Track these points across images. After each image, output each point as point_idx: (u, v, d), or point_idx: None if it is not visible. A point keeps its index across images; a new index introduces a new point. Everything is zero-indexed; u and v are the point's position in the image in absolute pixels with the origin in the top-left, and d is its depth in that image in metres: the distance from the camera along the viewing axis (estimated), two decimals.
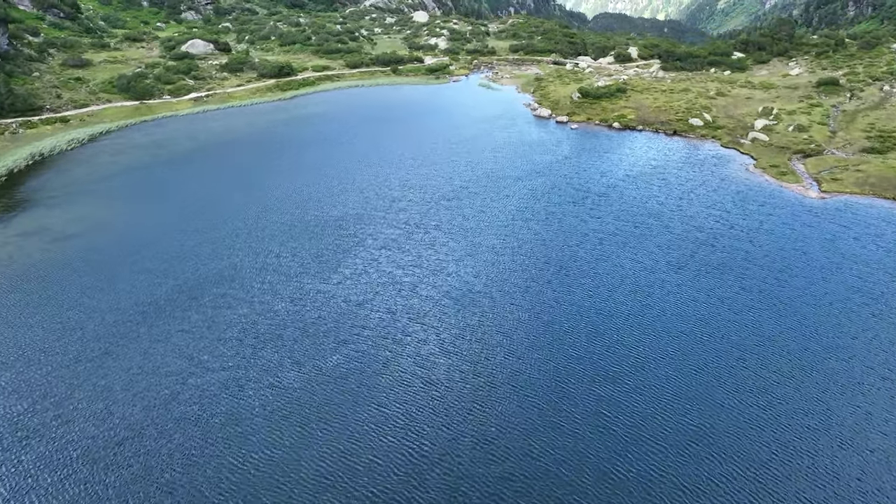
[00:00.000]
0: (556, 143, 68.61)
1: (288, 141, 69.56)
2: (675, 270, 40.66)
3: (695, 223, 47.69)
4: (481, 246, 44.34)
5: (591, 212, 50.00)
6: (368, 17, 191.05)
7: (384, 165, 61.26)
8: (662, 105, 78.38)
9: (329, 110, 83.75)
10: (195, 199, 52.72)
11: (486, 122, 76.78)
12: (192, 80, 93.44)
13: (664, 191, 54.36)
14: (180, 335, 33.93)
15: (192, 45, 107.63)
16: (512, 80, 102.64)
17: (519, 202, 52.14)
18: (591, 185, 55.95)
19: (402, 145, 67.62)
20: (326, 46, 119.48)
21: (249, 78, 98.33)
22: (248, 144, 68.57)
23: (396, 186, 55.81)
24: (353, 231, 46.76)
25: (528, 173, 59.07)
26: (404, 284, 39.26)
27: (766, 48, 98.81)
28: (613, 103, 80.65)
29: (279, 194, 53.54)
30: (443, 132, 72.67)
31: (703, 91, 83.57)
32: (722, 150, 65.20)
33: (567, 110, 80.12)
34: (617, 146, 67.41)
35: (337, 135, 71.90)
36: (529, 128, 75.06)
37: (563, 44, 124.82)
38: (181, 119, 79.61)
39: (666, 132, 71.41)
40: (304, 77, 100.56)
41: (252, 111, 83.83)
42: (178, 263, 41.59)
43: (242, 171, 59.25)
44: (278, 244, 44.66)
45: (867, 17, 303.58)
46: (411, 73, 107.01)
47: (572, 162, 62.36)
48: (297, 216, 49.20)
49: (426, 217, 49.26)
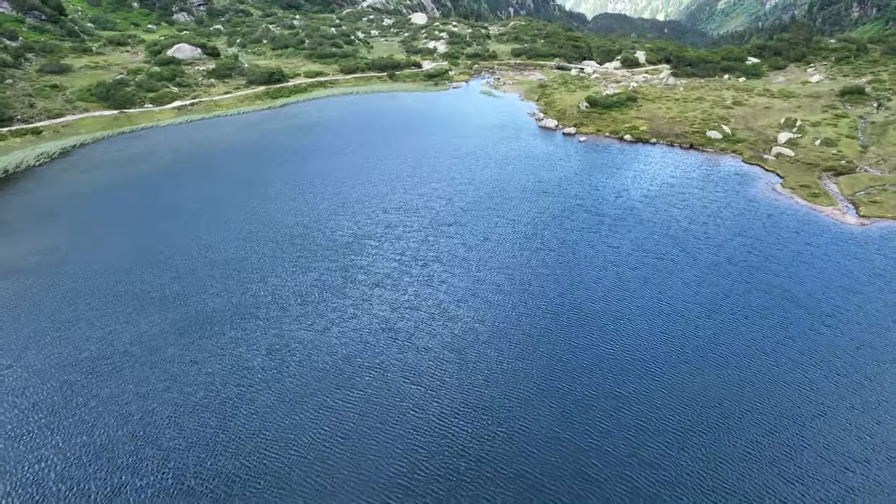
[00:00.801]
0: (564, 158, 63.61)
1: (275, 155, 64.44)
2: (708, 315, 35.63)
3: (724, 253, 42.70)
4: (485, 283, 39.29)
5: (607, 240, 44.99)
6: (366, 19, 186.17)
7: (379, 183, 56.22)
8: (676, 115, 73.42)
9: (321, 120, 78.68)
10: (166, 225, 47.56)
11: (488, 134, 71.78)
12: (176, 87, 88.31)
13: (686, 214, 49.37)
14: (136, 401, 28.83)
15: (178, 50, 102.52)
16: (514, 86, 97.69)
17: (526, 228, 47.11)
18: (606, 207, 50.96)
19: (398, 160, 62.59)
20: (320, 50, 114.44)
21: (238, 85, 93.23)
22: (231, 159, 63.45)
23: (392, 209, 50.76)
24: (342, 264, 41.69)
25: (535, 193, 54.05)
26: (399, 332, 34.18)
27: (782, 53, 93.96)
28: (624, 113, 75.67)
29: (261, 219, 48.44)
30: (443, 145, 67.65)
31: (718, 100, 78.64)
32: (744, 167, 60.24)
33: (574, 121, 75.14)
34: (630, 161, 62.42)
35: (328, 148, 66.83)
36: (535, 140, 70.05)
37: (567, 48, 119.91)
38: (162, 130, 74.46)
39: (682, 146, 66.45)
40: (296, 83, 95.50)
41: (239, 121, 78.70)
42: (138, 309, 36.49)
43: (222, 192, 54.11)
44: (258, 280, 39.57)
45: (872, 18, 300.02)
46: (409, 79, 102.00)
47: (583, 180, 57.35)
48: (279, 246, 44.09)
49: (424, 246, 44.22)
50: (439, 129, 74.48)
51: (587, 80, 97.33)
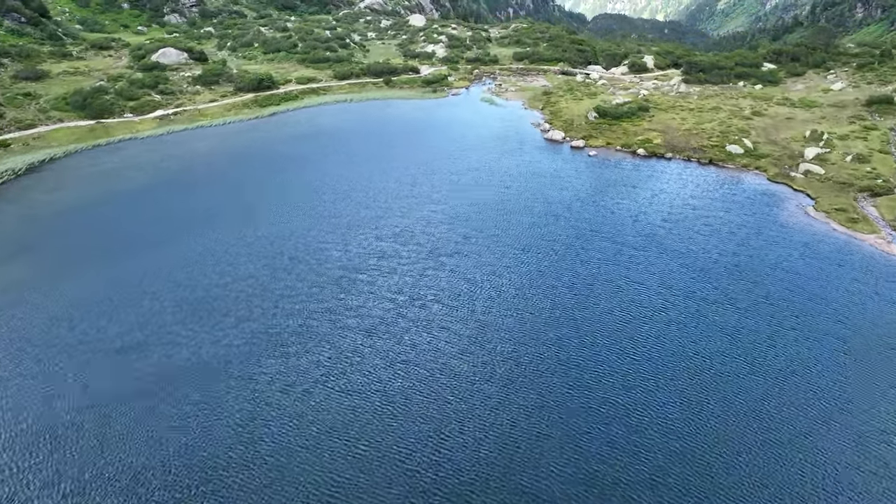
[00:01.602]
0: (573, 175, 58.70)
1: (258, 173, 59.32)
2: (751, 370, 30.75)
3: (762, 291, 37.83)
4: (492, 329, 34.38)
5: (628, 274, 40.09)
6: (363, 20, 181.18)
7: (372, 205, 51.25)
8: (692, 127, 68.57)
9: (310, 131, 73.61)
10: (132, 257, 42.44)
11: (490, 147, 66.82)
12: (159, 94, 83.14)
13: (713, 242, 44.49)
14: (74, 496, 23.82)
15: (163, 55, 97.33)
16: (517, 93, 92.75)
17: (537, 259, 42.19)
18: (624, 233, 46.06)
19: (394, 177, 57.62)
20: (313, 55, 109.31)
21: (225, 92, 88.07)
22: (210, 178, 58.33)
23: (387, 235, 45.80)
24: (330, 305, 36.70)
25: (544, 216, 49.13)
26: (393, 397, 29.23)
27: (800, 59, 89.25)
28: (636, 124, 70.80)
29: (239, 249, 43.40)
30: (442, 159, 62.69)
31: (736, 109, 73.84)
32: (770, 186, 55.39)
33: (582, 132, 70.23)
34: (646, 179, 57.53)
35: (318, 164, 61.79)
36: (541, 154, 65.12)
37: (572, 52, 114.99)
38: (140, 143, 69.32)
39: (700, 161, 61.58)
40: (287, 91, 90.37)
41: (223, 132, 73.58)
42: (92, 363, 31.43)
43: (197, 216, 49.00)
44: (232, 326, 34.60)
45: (876, 19, 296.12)
46: (406, 86, 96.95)
47: (596, 201, 52.45)
48: (259, 282, 39.08)
49: (423, 282, 39.27)
50: (438, 141, 69.50)
51: (594, 87, 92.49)
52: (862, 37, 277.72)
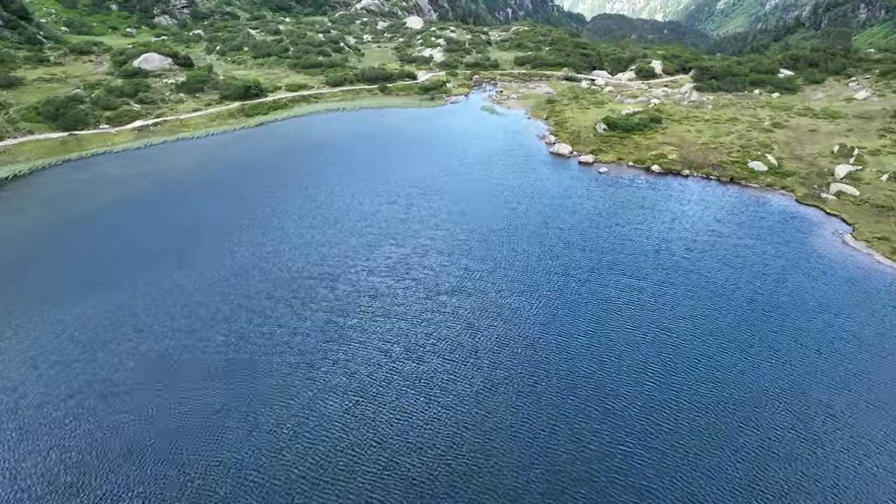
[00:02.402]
0: (584, 195, 53.80)
1: (238, 193, 54.22)
2: (815, 455, 25.89)
3: (809, 340, 33.00)
4: (501, 392, 29.46)
5: (653, 318, 35.18)
6: (359, 22, 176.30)
7: (364, 231, 46.29)
8: (710, 141, 63.74)
9: (298, 144, 68.57)
10: (86, 298, 37.35)
11: (492, 161, 61.90)
12: (138, 104, 77.99)
13: (745, 277, 39.62)
14: None
15: (145, 60, 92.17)
16: (519, 101, 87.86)
17: (549, 299, 37.25)
18: (645, 266, 41.16)
19: (388, 198, 52.68)
20: (305, 59, 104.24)
21: (210, 100, 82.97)
22: (185, 198, 53.19)
23: (380, 269, 40.84)
24: (312, 359, 31.72)
25: (555, 245, 44.21)
26: (391, 492, 24.29)
27: (819, 65, 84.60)
28: (648, 137, 65.95)
29: (211, 288, 38.36)
30: (441, 177, 57.75)
31: (754, 121, 69.05)
32: (800, 209, 50.57)
33: (591, 146, 65.36)
34: (663, 200, 52.67)
35: (304, 182, 56.76)
36: (547, 171, 60.19)
37: (576, 56, 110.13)
38: (115, 157, 64.22)
39: (720, 179, 56.73)
40: (276, 98, 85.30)
41: (205, 145, 68.48)
42: (17, 446, 26.41)
43: (166, 248, 43.90)
44: (197, 386, 29.62)
45: (880, 20, 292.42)
46: (402, 93, 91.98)
47: (610, 226, 47.56)
48: (231, 330, 34.06)
49: (420, 329, 34.33)
50: (436, 155, 64.53)
51: (600, 94, 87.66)
52: (866, 38, 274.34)
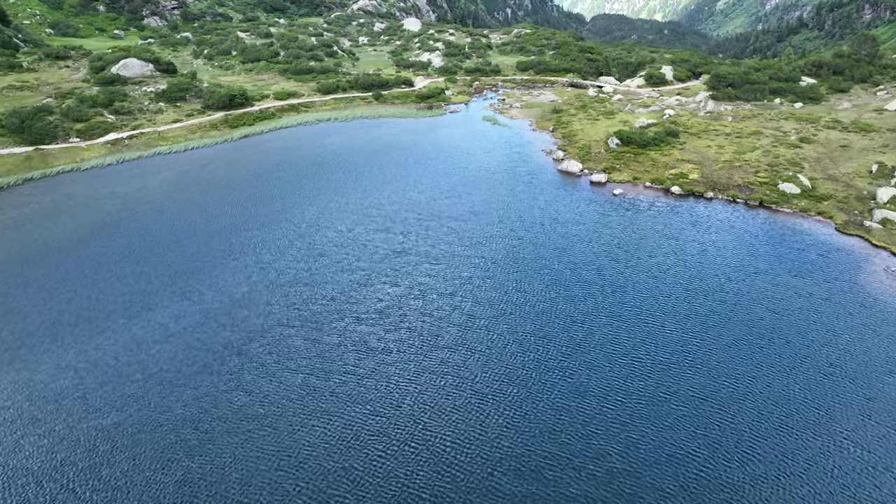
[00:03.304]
0: (599, 222, 48.33)
1: (212, 217, 48.73)
2: None
3: (882, 413, 27.56)
4: (508, 479, 23.97)
5: (691, 386, 29.71)
6: (355, 23, 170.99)
7: (354, 267, 40.83)
8: (733, 158, 58.29)
9: (284, 160, 62.99)
10: (22, 357, 31.85)
11: (496, 182, 56.46)
12: (113, 114, 72.43)
13: (793, 326, 34.12)
14: None
15: (124, 66, 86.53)
16: (523, 110, 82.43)
17: (566, 357, 31.77)
18: (675, 312, 35.65)
19: (382, 224, 47.28)
20: (296, 65, 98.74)
21: (192, 110, 77.40)
22: (152, 226, 47.60)
23: (371, 315, 35.40)
24: (282, 443, 26.23)
25: (570, 285, 38.70)
26: None
27: (843, 72, 79.26)
28: (665, 153, 60.49)
29: (168, 349, 32.87)
30: (440, 199, 52.32)
31: (780, 135, 63.61)
32: (841, 239, 45.12)
33: (603, 163, 59.91)
34: (688, 228, 47.20)
35: (285, 205, 51.24)
36: (556, 192, 54.73)
37: (581, 61, 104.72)
38: (83, 176, 58.69)
39: (748, 203, 51.28)
40: (263, 108, 79.77)
41: (183, 161, 62.92)
42: None
43: (122, 286, 38.39)
44: (138, 481, 24.15)
45: (885, 21, 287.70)
46: (398, 101, 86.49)
47: (632, 258, 42.10)
48: (197, 397, 28.56)
49: (415, 397, 28.86)
50: (434, 174, 59.07)
51: (609, 103, 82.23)
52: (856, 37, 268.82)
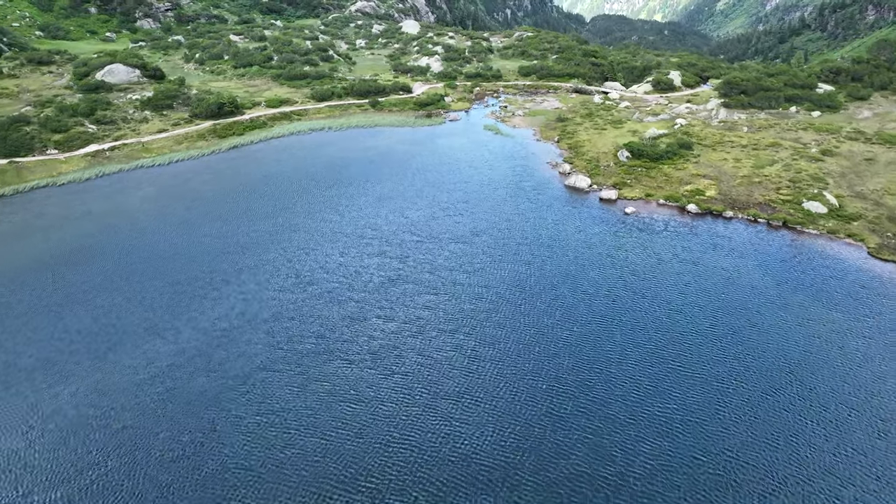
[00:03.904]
0: (611, 245, 44.67)
1: (192, 239, 45.05)
2: None
3: None
4: None
5: (730, 449, 26.07)
6: (353, 25, 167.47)
7: (344, 300, 37.20)
8: (752, 173, 54.63)
9: (274, 172, 59.26)
10: None
11: (500, 199, 52.82)
12: (94, 124, 68.74)
13: (837, 373, 30.48)
14: None
15: (109, 72, 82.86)
16: (526, 118, 78.79)
17: (584, 415, 28.12)
18: (702, 355, 32.01)
19: (377, 247, 43.67)
20: (290, 70, 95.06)
21: (179, 119, 73.72)
22: (127, 249, 43.92)
23: (362, 356, 31.75)
24: None
25: (585, 321, 35.05)
26: None
27: (863, 79, 75.73)
28: (679, 168, 56.83)
29: (121, 400, 29.23)
30: (440, 218, 48.68)
31: (799, 147, 59.98)
32: (876, 266, 41.42)
33: (613, 178, 56.28)
34: (708, 252, 43.54)
35: (273, 225, 47.57)
36: (564, 210, 51.06)
37: (586, 66, 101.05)
38: (58, 192, 55.03)
39: (770, 223, 47.61)
40: (253, 116, 76.11)
41: (166, 175, 59.25)
42: None
43: (89, 321, 34.77)
44: None
45: (889, 22, 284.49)
46: (395, 108, 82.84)
47: (650, 288, 38.41)
48: (131, 487, 24.90)
49: (409, 465, 25.21)
50: (434, 189, 55.44)
51: (616, 111, 78.61)
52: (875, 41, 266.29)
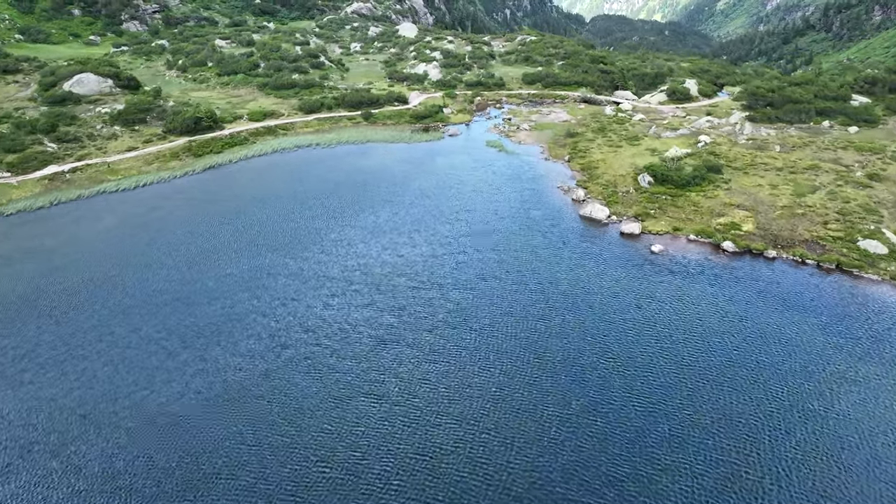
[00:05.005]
0: (641, 295, 38.00)
1: (143, 293, 38.34)
2: None
3: None
4: None
5: None
6: (349, 27, 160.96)
7: (324, 375, 30.62)
8: (792, 202, 48.08)
9: (251, 198, 52.44)
10: None
11: (508, 232, 46.22)
12: (55, 142, 62.08)
13: None
14: None
15: (78, 82, 76.19)
16: (533, 133, 72.24)
17: None
18: (771, 464, 25.52)
19: (364, 299, 37.06)
20: (277, 79, 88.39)
21: (151, 135, 67.07)
22: (70, 298, 37.20)
23: (348, 455, 25.15)
24: None
25: (623, 416, 28.45)
26: None
27: None
28: (709, 196, 50.25)
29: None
30: (441, 256, 42.11)
31: (840, 169, 53.48)
32: None
33: (634, 207, 49.72)
34: (754, 303, 36.94)
35: (245, 268, 40.91)
36: (581, 247, 44.43)
37: (594, 73, 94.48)
38: (1, 224, 48.33)
39: (821, 265, 41.04)
40: (234, 131, 69.47)
41: (130, 202, 52.56)
42: None
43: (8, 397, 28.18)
44: None
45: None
46: (390, 122, 76.24)
47: (691, 355, 31.84)
48: None
49: None
50: (432, 218, 48.84)
51: (630, 125, 72.09)
52: (881, 42, 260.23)
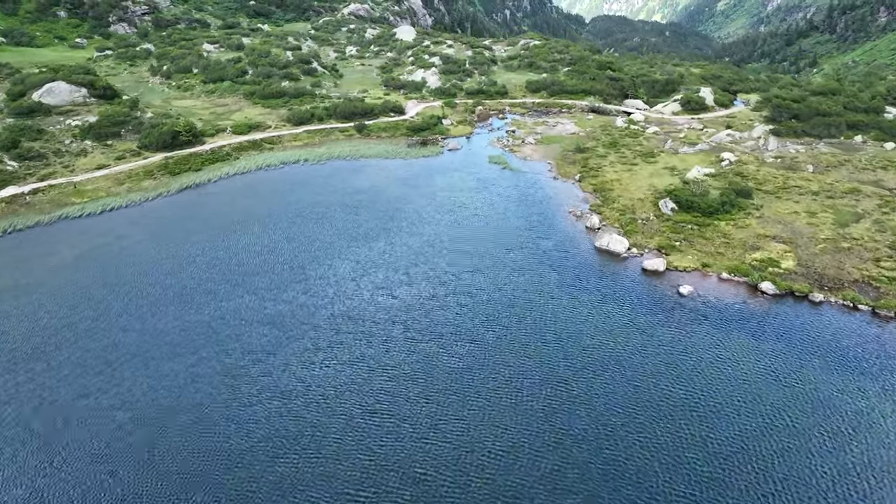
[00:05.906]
0: (673, 349, 32.67)
1: (96, 348, 32.85)
2: None
3: None
4: None
5: None
6: (345, 29, 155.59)
7: (292, 460, 25.20)
8: (835, 234, 42.71)
9: (228, 226, 46.92)
10: None
11: (516, 266, 40.83)
12: (16, 160, 56.58)
13: None
14: None
15: (49, 92, 70.71)
16: (539, 147, 66.87)
17: None
18: None
19: (358, 353, 31.71)
20: (266, 87, 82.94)
21: (125, 150, 61.59)
22: (7, 359, 31.83)
23: None
24: None
25: None
26: None
27: None
28: (740, 225, 44.86)
29: None
30: (439, 299, 36.72)
31: (884, 192, 48.18)
32: None
33: (656, 237, 44.33)
34: (807, 360, 31.58)
35: (210, 319, 35.45)
36: (598, 285, 39.03)
37: (602, 80, 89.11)
38: None
39: (877, 311, 35.67)
40: (216, 146, 64.03)
41: (94, 230, 47.04)
42: None
43: None
44: None
45: None
46: (385, 134, 70.87)
47: (747, 440, 26.50)
48: None
49: None
50: (431, 249, 43.45)
51: (644, 138, 66.78)
52: (887, 44, 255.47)
